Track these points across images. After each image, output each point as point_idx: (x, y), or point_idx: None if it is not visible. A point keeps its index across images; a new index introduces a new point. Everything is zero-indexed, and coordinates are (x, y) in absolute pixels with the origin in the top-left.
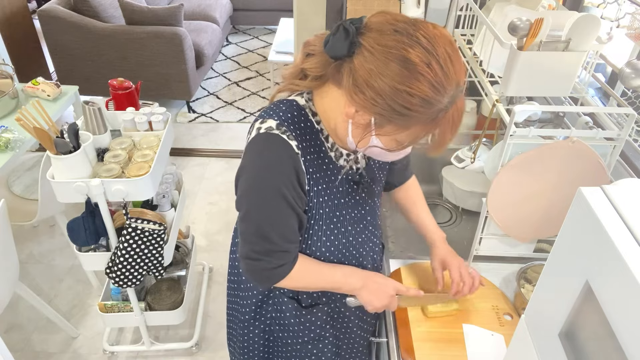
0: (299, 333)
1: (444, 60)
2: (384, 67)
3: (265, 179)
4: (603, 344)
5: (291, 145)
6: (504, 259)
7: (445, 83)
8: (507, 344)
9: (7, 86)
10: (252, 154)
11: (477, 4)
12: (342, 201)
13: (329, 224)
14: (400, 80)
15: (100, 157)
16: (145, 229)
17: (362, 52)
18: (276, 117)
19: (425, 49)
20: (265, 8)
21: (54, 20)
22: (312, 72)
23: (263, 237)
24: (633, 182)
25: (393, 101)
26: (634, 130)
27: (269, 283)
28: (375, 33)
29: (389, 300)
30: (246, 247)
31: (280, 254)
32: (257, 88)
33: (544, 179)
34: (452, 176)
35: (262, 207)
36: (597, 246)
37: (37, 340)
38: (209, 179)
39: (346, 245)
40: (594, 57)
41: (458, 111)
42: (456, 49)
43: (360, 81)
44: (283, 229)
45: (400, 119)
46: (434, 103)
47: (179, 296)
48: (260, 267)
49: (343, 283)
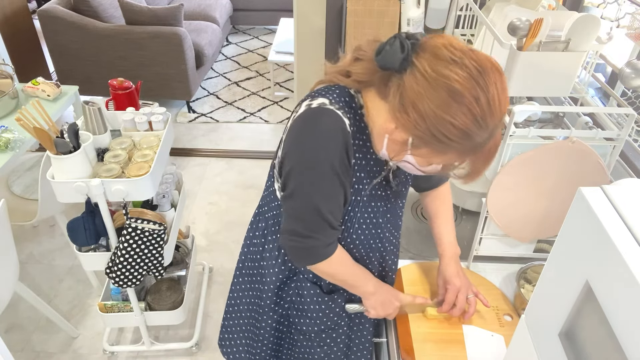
0: (317, 320)
1: (492, 96)
2: (433, 93)
3: (318, 154)
4: (603, 344)
5: (345, 122)
6: (504, 259)
7: (489, 119)
8: (507, 344)
9: (7, 86)
10: (303, 128)
11: (477, 4)
12: (378, 193)
13: (363, 213)
14: (446, 109)
15: (100, 157)
16: (145, 229)
17: (414, 73)
18: (329, 96)
19: (476, 82)
20: (265, 8)
21: (54, 20)
22: (358, 76)
23: (316, 212)
24: (633, 182)
25: (435, 128)
26: (634, 130)
27: (312, 261)
28: (430, 56)
29: (393, 310)
30: (294, 223)
31: (330, 232)
32: (257, 88)
33: (544, 179)
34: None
35: (315, 181)
36: (597, 246)
37: (37, 340)
38: (209, 179)
39: (375, 238)
40: (594, 57)
41: (495, 145)
42: (505, 85)
43: (407, 101)
44: (333, 205)
45: (439, 145)
46: (474, 137)
47: (179, 296)
48: (308, 244)
49: (363, 283)
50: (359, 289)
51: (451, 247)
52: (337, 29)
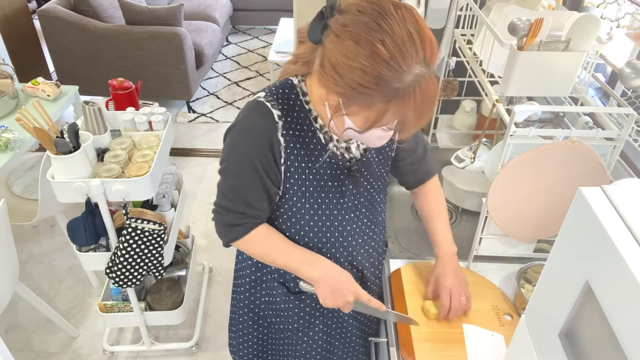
0: (290, 319)
1: (401, 38)
2: (340, 44)
3: (239, 145)
4: (603, 344)
5: (272, 113)
6: (504, 259)
7: (400, 60)
8: (507, 344)
9: (7, 86)
10: (237, 117)
11: (477, 4)
12: (328, 184)
13: (310, 204)
14: (354, 57)
15: (100, 157)
16: (145, 229)
17: (329, 35)
18: (267, 90)
19: (380, 27)
20: (265, 8)
21: (54, 20)
22: (302, 57)
23: (227, 195)
24: (633, 182)
25: (349, 79)
26: (634, 130)
27: (225, 238)
28: (342, 15)
29: (342, 303)
30: (217, 199)
31: (238, 215)
32: (257, 88)
33: (544, 179)
34: (452, 176)
35: (231, 169)
36: (597, 246)
37: (37, 340)
38: (209, 179)
39: (331, 231)
40: (594, 57)
41: (424, 92)
42: (422, 28)
43: (325, 62)
44: (245, 193)
45: (360, 97)
46: (389, 81)
47: (179, 296)
48: (220, 220)
49: (300, 268)
50: (301, 273)
51: (447, 245)
52: None
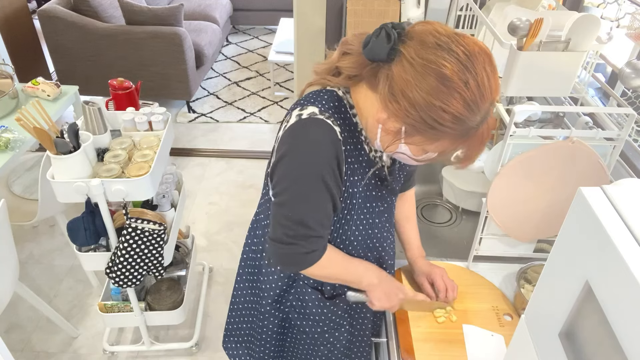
0: (319, 323)
1: (482, 79)
2: (421, 80)
3: (307, 165)
4: (603, 344)
5: (335, 131)
6: (504, 259)
7: (480, 102)
8: (507, 344)
9: (7, 86)
10: (295, 138)
11: (477, 4)
12: (373, 193)
13: (359, 215)
14: (436, 95)
15: (100, 157)
16: (145, 229)
17: (402, 61)
18: (318, 104)
19: (464, 67)
20: (265, 8)
21: (54, 20)
22: (348, 71)
23: (300, 221)
24: (633, 182)
25: (426, 114)
26: (634, 130)
27: (297, 268)
28: (417, 43)
29: (397, 302)
30: (280, 230)
31: (314, 240)
32: (257, 88)
33: (544, 179)
34: (452, 176)
35: (303, 192)
36: (597, 246)
37: (37, 340)
38: (209, 179)
39: (372, 238)
40: (594, 57)
41: (488, 128)
42: (495, 67)
43: (397, 90)
44: (321, 215)
45: (431, 132)
46: (466, 121)
47: (179, 296)
48: (292, 251)
49: (364, 277)
50: (362, 284)
51: (420, 250)
52: (337, 29)
